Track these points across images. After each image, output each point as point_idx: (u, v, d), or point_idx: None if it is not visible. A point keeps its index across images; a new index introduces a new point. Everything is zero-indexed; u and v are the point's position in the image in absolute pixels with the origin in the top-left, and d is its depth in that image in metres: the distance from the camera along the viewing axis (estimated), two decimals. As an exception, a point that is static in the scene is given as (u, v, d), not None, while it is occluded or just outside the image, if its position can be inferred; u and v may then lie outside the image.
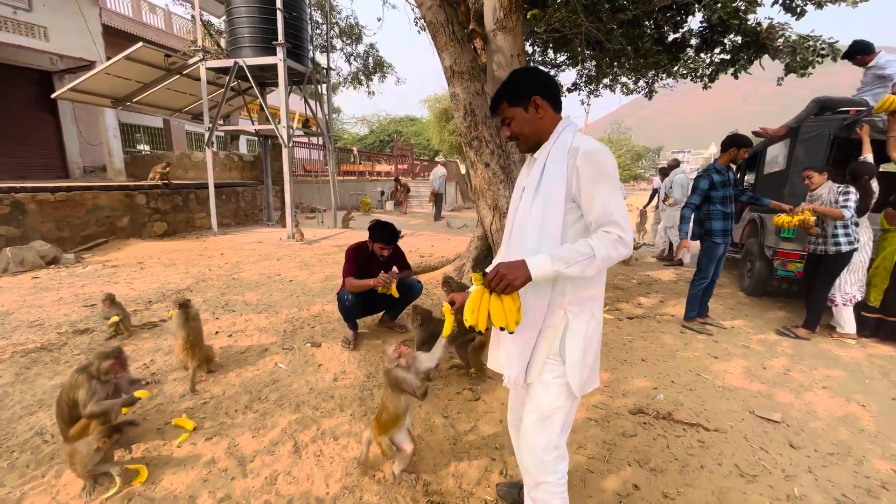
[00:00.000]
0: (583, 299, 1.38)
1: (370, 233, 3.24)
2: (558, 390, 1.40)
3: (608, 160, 1.30)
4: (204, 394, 2.57)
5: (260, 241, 7.42)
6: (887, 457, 2.37)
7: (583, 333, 1.37)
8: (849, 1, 4.96)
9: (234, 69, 7.40)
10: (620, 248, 1.25)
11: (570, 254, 1.24)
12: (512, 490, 1.89)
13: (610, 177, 1.29)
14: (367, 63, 17.35)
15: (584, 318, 1.38)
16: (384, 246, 3.24)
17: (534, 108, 1.40)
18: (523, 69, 1.48)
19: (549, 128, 1.42)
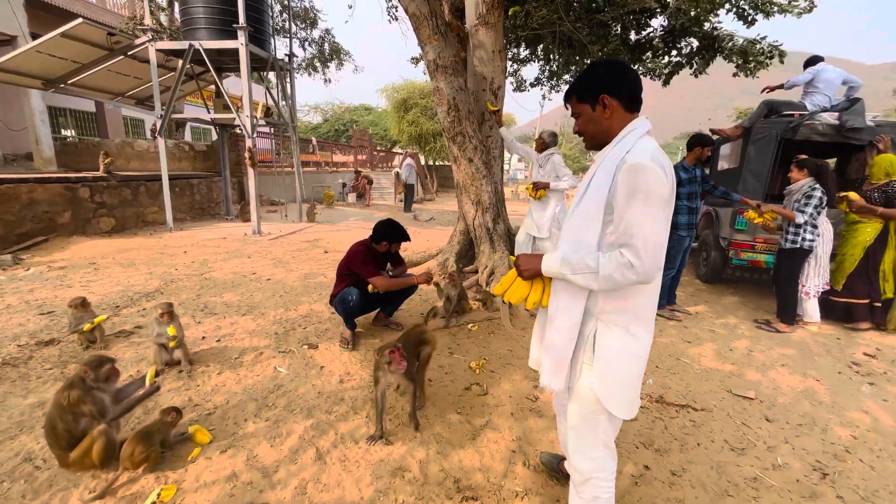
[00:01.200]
0: (614, 310, 1.33)
1: (382, 234, 3.23)
2: (594, 398, 1.38)
3: (651, 178, 1.20)
4: (206, 404, 2.44)
5: (224, 238, 7.02)
6: (845, 424, 2.70)
7: (612, 347, 1.34)
8: (793, 12, 5.44)
9: (190, 52, 6.86)
10: (627, 274, 1.20)
11: (578, 262, 1.27)
12: (553, 460, 2.00)
13: (647, 196, 1.20)
14: (323, 49, 16.73)
15: (616, 332, 1.34)
16: (398, 245, 3.33)
17: (601, 106, 1.35)
18: (599, 62, 1.41)
19: (617, 129, 1.35)
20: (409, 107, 22.42)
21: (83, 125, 13.58)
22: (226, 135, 9.20)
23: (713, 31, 6.16)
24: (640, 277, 1.20)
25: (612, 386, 1.36)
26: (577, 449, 1.49)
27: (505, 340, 3.65)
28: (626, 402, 1.39)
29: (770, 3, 5.35)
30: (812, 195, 3.97)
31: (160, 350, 2.73)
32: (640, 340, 1.37)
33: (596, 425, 1.43)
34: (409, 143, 24.26)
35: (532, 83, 8.68)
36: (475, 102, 4.94)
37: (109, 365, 1.88)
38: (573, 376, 1.42)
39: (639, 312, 1.36)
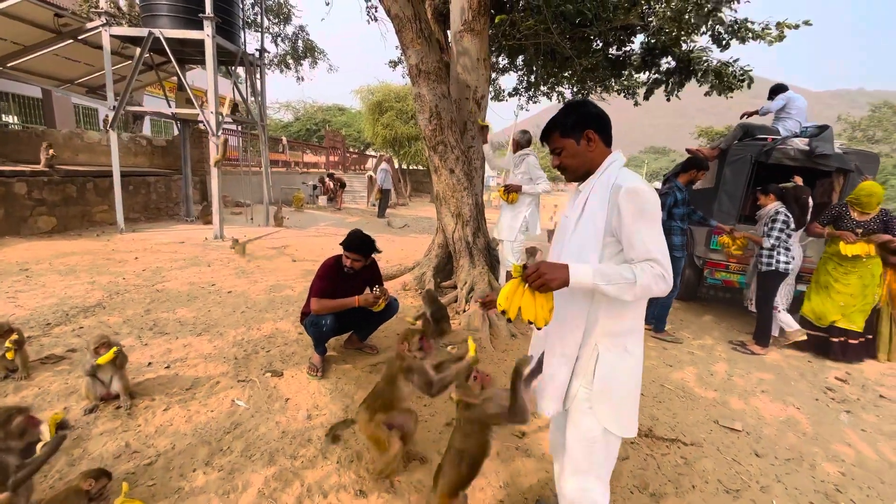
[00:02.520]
0: (615, 332, 1.38)
1: (345, 244, 2.94)
2: (593, 419, 1.41)
3: (651, 198, 1.31)
4: (146, 450, 2.09)
5: (181, 242, 6.49)
6: (831, 459, 2.66)
7: (613, 367, 1.38)
8: (766, 39, 5.57)
9: (149, 41, 6.33)
10: (661, 284, 1.26)
11: (613, 273, 1.27)
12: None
13: (651, 215, 1.31)
14: (296, 46, 16.22)
15: (615, 352, 1.39)
16: (357, 258, 2.93)
17: (585, 141, 1.43)
18: (578, 102, 1.48)
19: (599, 161, 1.44)
20: (385, 109, 22.08)
21: (28, 112, 12.47)
22: (188, 130, 8.59)
23: (689, 52, 6.25)
24: (669, 286, 1.28)
25: (612, 405, 1.40)
26: (568, 474, 1.49)
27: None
28: (626, 419, 1.42)
29: (746, 29, 5.45)
30: (776, 219, 4.03)
31: (93, 382, 2.35)
32: (635, 356, 1.42)
33: (592, 450, 1.43)
34: (383, 147, 23.89)
35: (510, 93, 8.66)
36: (458, 111, 4.75)
37: (21, 418, 1.54)
38: (569, 399, 1.45)
39: (634, 329, 1.42)
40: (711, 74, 6.35)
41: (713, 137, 31.65)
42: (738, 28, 5.54)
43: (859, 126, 31.74)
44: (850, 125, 32.48)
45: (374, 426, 1.99)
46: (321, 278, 2.93)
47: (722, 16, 5.21)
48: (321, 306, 2.82)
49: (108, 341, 2.38)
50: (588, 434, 1.41)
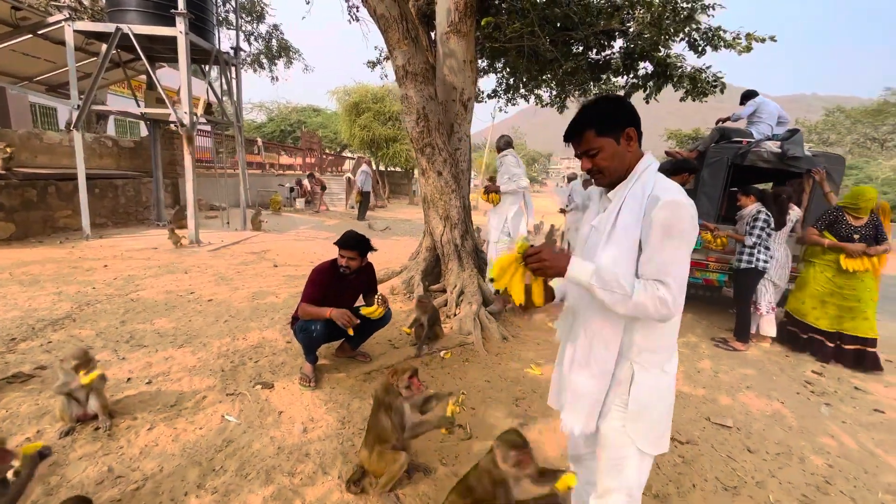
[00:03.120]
0: (652, 350, 1.32)
1: (339, 241, 2.86)
2: (626, 438, 1.35)
3: (686, 217, 1.20)
4: (132, 474, 1.95)
5: (154, 248, 6.19)
6: (817, 452, 2.75)
7: (649, 387, 1.33)
8: (737, 48, 5.78)
9: (116, 37, 6.01)
10: (661, 309, 1.17)
11: (611, 280, 1.20)
12: None
13: (682, 236, 1.20)
14: (270, 45, 15.87)
15: (652, 372, 1.33)
16: (353, 256, 2.83)
17: (626, 140, 1.30)
18: (613, 96, 1.37)
19: (633, 164, 1.32)
20: (362, 111, 21.84)
21: (-22, 111, 11.67)
22: (158, 131, 8.22)
23: (666, 57, 6.42)
24: (668, 315, 1.19)
25: (646, 425, 1.35)
26: (600, 492, 1.45)
27: (481, 369, 3.42)
28: (659, 438, 1.38)
29: (718, 37, 5.64)
30: (758, 218, 4.19)
31: (68, 402, 2.18)
32: (671, 376, 1.38)
33: (623, 469, 1.38)
34: (360, 148, 23.61)
35: (490, 95, 8.69)
36: (444, 113, 4.71)
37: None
38: (601, 418, 1.39)
39: (670, 348, 1.37)
40: (686, 80, 6.55)
41: (682, 140, 32.78)
42: (713, 36, 5.73)
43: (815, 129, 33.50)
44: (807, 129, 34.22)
45: (377, 458, 1.93)
46: (311, 283, 2.84)
47: (699, 19, 5.36)
48: (304, 312, 2.72)
49: (87, 357, 2.21)
50: (621, 453, 1.36)
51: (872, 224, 3.92)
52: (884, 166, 21.49)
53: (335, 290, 2.85)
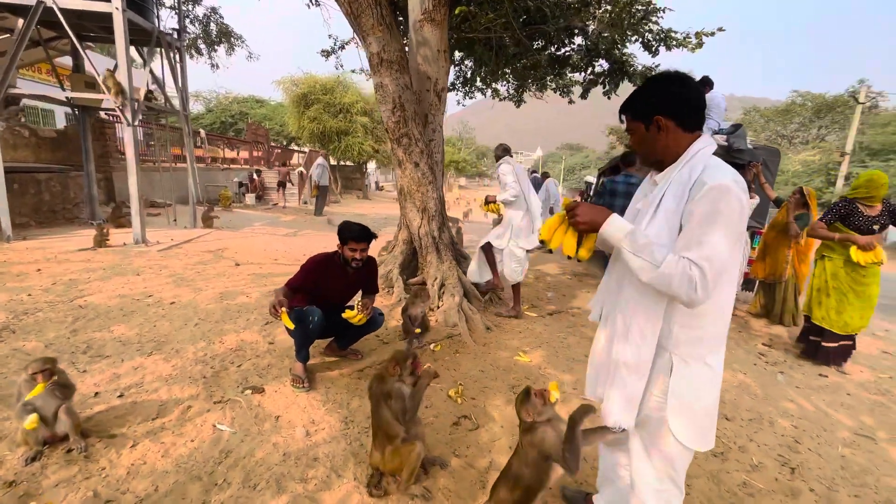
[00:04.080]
0: (690, 341, 1.27)
1: (339, 234, 2.71)
2: (667, 434, 1.33)
3: (735, 203, 1.14)
4: (123, 497, 1.74)
5: (94, 249, 5.57)
6: (782, 415, 3.03)
7: (689, 382, 1.28)
8: (689, 46, 6.18)
9: (38, 11, 5.27)
10: (687, 288, 1.13)
11: (644, 247, 1.19)
12: (577, 496, 1.82)
13: (729, 223, 1.14)
14: (209, 30, 14.82)
15: (694, 365, 1.28)
16: (364, 248, 2.70)
17: (655, 128, 1.28)
18: (661, 76, 1.31)
19: (675, 150, 1.28)
20: (311, 102, 20.94)
21: None
22: (88, 119, 7.37)
23: (622, 55, 6.74)
24: (696, 299, 1.14)
25: (688, 420, 1.30)
26: (643, 484, 1.42)
27: (472, 359, 3.42)
28: (702, 434, 1.33)
29: (671, 37, 5.99)
30: None
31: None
32: (714, 370, 1.32)
33: (666, 454, 1.36)
34: (310, 141, 22.67)
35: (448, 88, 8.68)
36: (418, 103, 4.63)
37: None
38: (641, 410, 1.36)
39: (715, 341, 1.31)
40: (639, 77, 6.92)
41: (622, 136, 34.67)
42: (665, 37, 6.09)
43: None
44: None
45: (392, 456, 1.86)
46: (302, 269, 2.71)
47: (656, 21, 5.67)
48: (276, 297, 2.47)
49: (50, 367, 1.94)
50: (662, 449, 1.35)
51: (888, 211, 3.54)
52: (793, 160, 24.07)
53: (338, 284, 2.73)
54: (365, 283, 2.98)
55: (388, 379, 1.90)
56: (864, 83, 19.72)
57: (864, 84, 19.63)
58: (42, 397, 1.90)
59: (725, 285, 1.24)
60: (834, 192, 17.53)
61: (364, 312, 2.73)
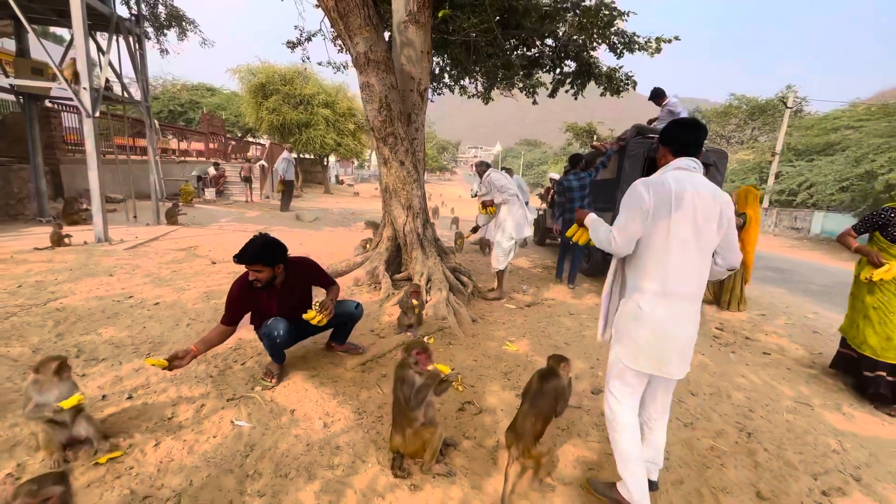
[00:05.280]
0: (632, 286, 1.90)
1: (237, 256, 2.49)
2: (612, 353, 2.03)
3: (630, 192, 1.83)
4: (159, 492, 1.80)
5: (52, 248, 5.23)
6: (736, 389, 3.46)
7: (623, 313, 1.94)
8: (649, 50, 6.64)
9: (-19, -10, 4.84)
10: (606, 244, 1.85)
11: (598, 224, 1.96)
12: (605, 486, 2.04)
13: (625, 205, 1.82)
14: (157, 12, 13.97)
15: (628, 303, 1.93)
16: (258, 270, 2.47)
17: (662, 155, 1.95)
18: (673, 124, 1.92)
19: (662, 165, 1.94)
20: (269, 93, 20.20)
21: None
22: (35, 108, 6.81)
23: (589, 58, 7.12)
24: (612, 250, 1.84)
25: (621, 346, 1.94)
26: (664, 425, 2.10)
27: (464, 350, 3.62)
28: (631, 356, 1.90)
29: (634, 41, 6.42)
30: None
31: (51, 428, 1.89)
32: (643, 310, 1.83)
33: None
34: (269, 133, 21.87)
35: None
36: (402, 102, 4.72)
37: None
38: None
39: (644, 290, 1.83)
40: (604, 78, 7.35)
41: (578, 132, 36.00)
42: (629, 41, 6.51)
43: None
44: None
45: (413, 438, 2.02)
46: (228, 302, 2.57)
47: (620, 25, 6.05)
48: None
49: (61, 362, 1.93)
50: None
51: None
52: (731, 159, 26.03)
53: (271, 301, 2.62)
54: (306, 286, 2.85)
55: (403, 365, 2.06)
56: (792, 88, 21.70)
57: (791, 89, 21.60)
58: (57, 395, 1.89)
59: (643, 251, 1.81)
60: (766, 188, 19.22)
61: (323, 312, 2.64)
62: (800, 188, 17.55)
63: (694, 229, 1.72)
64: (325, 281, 2.87)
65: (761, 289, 7.28)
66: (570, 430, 2.62)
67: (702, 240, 1.74)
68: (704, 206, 1.72)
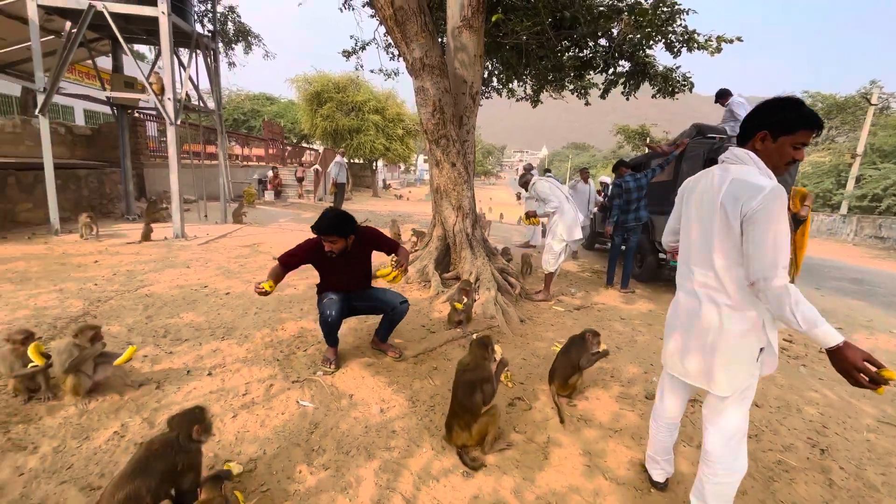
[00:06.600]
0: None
1: (315, 225, 2.68)
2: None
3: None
4: (238, 458, 1.98)
5: (140, 242, 5.83)
6: (808, 403, 3.23)
7: None
8: (709, 49, 6.34)
9: (89, 15, 5.53)
10: None
11: None
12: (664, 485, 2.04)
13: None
14: (226, 28, 15.10)
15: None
16: (333, 241, 2.65)
17: (760, 140, 1.54)
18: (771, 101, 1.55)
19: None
20: (324, 100, 21.20)
21: None
22: (126, 118, 7.64)
23: (645, 56, 6.90)
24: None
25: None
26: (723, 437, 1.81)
27: (513, 348, 3.64)
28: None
29: (693, 39, 6.15)
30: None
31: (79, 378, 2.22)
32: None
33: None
34: (322, 139, 22.94)
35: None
36: (455, 105, 4.84)
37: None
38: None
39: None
40: (660, 78, 7.09)
41: (630, 135, 34.70)
42: (688, 38, 6.25)
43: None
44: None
45: (479, 430, 2.09)
46: (297, 247, 2.81)
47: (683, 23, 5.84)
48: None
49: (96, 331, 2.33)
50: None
51: None
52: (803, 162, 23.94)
53: (336, 265, 2.78)
54: (369, 254, 2.96)
55: (483, 364, 2.13)
56: (877, 84, 19.72)
57: (876, 85, 19.64)
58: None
59: None
60: (845, 193, 17.57)
61: (398, 269, 2.73)
62: (885, 193, 15.88)
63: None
64: (390, 245, 2.97)
65: (838, 301, 6.69)
66: (623, 431, 2.57)
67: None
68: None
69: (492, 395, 2.13)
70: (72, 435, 2.00)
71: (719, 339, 1.57)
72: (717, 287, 1.58)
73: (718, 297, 1.58)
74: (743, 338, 1.55)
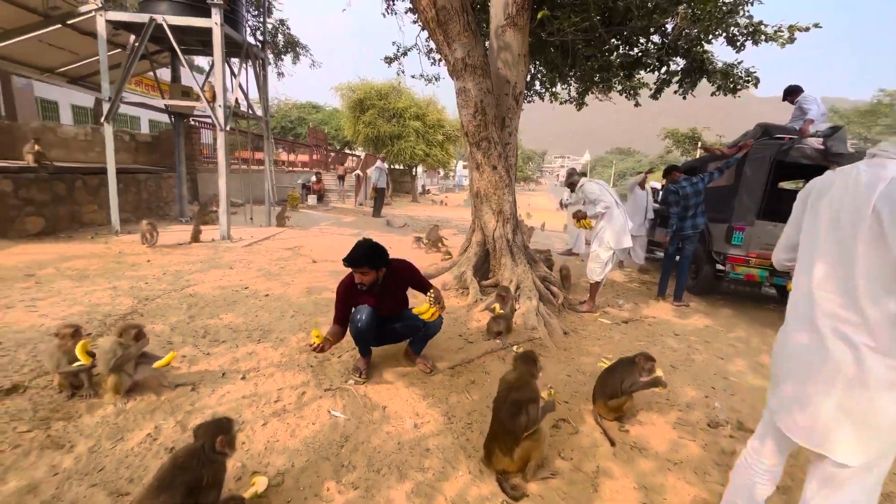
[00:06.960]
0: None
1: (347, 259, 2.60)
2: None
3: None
4: (266, 470, 1.90)
5: (189, 243, 6.08)
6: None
7: None
8: (779, 41, 5.80)
9: (150, 28, 5.86)
10: None
11: None
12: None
13: None
14: (277, 41, 15.72)
15: None
16: (364, 272, 2.57)
17: None
18: None
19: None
20: (366, 107, 21.70)
21: (-19, 104, 11.38)
22: (182, 125, 8.07)
23: (702, 52, 6.42)
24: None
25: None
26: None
27: (556, 363, 3.40)
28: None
29: (760, 31, 5.65)
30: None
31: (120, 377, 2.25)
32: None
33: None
34: (364, 145, 23.46)
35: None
36: (497, 107, 4.67)
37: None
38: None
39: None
40: (719, 75, 6.57)
41: (679, 139, 33.03)
42: (753, 31, 5.74)
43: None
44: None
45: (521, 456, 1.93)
46: (336, 300, 2.75)
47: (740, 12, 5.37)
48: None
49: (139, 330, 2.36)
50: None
51: None
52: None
53: (370, 301, 2.68)
54: (404, 289, 2.87)
55: (530, 383, 1.96)
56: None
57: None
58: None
59: None
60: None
61: (436, 305, 2.68)
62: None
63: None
64: (423, 284, 2.89)
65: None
66: (684, 464, 2.28)
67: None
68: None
69: (538, 417, 1.93)
70: (107, 435, 2.00)
71: (852, 390, 1.21)
72: (855, 321, 1.21)
73: (856, 334, 1.20)
74: (889, 391, 1.17)
